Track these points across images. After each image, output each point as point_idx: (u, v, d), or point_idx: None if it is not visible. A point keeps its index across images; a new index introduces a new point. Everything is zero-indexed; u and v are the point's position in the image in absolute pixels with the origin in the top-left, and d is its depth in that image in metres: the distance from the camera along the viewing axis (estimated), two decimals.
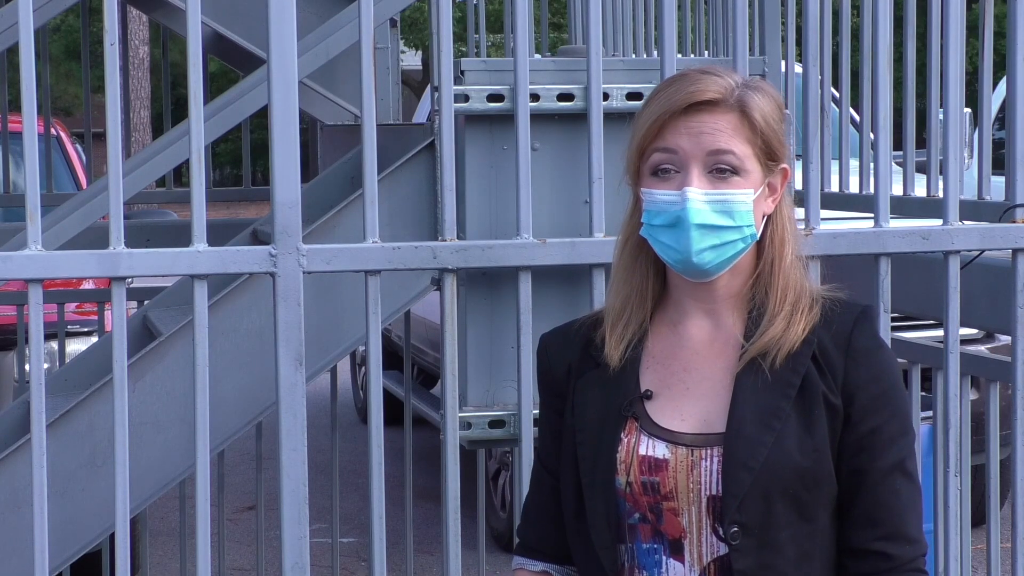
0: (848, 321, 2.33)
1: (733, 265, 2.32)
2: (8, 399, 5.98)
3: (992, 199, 3.90)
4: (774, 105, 2.33)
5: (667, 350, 2.37)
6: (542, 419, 2.48)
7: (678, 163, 2.28)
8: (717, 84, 2.28)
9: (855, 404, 2.30)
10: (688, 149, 2.27)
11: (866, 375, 2.31)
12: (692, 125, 2.27)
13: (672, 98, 2.28)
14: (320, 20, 4.53)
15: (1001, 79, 5.09)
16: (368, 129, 3.03)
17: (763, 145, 2.30)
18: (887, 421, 2.31)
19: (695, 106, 2.27)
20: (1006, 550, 3.59)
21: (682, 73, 2.33)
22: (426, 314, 6.85)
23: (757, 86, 2.33)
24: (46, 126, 6.28)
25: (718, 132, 2.27)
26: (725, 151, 2.27)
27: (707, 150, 2.27)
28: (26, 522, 2.99)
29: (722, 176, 2.28)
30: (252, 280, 3.45)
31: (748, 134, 2.28)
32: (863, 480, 2.30)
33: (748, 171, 2.29)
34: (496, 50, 14.79)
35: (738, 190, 2.28)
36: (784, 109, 2.37)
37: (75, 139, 8.49)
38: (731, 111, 2.28)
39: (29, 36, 2.88)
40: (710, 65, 2.36)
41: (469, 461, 4.57)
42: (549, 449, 2.44)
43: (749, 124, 2.28)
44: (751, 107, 2.29)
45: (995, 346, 6.03)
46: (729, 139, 2.27)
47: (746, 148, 2.28)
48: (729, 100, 2.28)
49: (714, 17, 4.70)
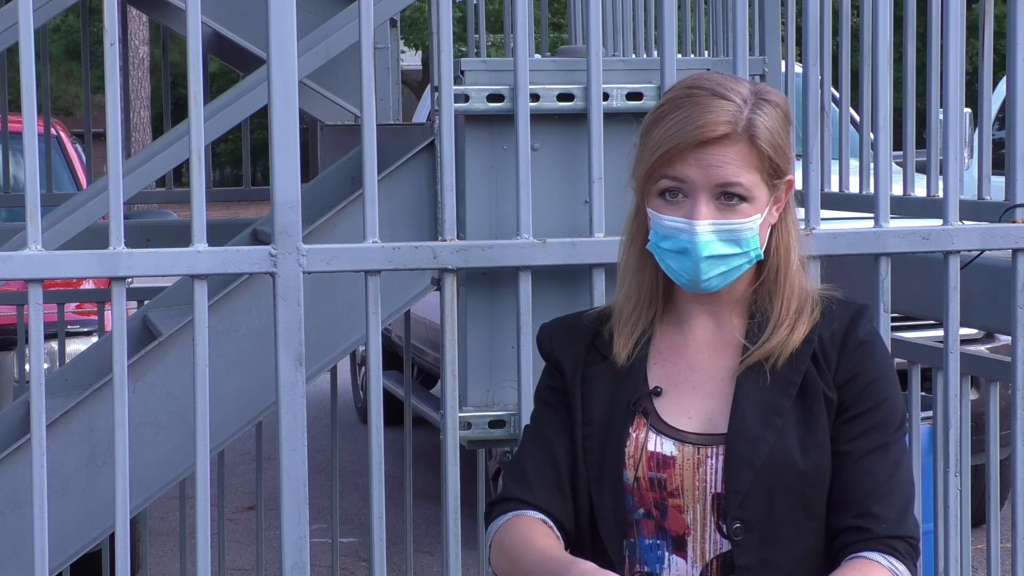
0: (845, 318, 2.36)
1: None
2: (8, 399, 5.98)
3: (992, 199, 3.90)
4: (780, 117, 2.31)
5: (673, 348, 2.39)
6: (547, 387, 2.44)
7: (687, 190, 2.29)
8: (727, 113, 2.26)
9: (845, 393, 2.33)
10: (697, 180, 2.27)
11: (857, 366, 2.34)
12: (702, 158, 2.27)
13: (684, 128, 2.26)
14: (320, 20, 4.53)
15: (1001, 79, 5.09)
16: (368, 129, 3.03)
17: (770, 167, 2.30)
18: (873, 408, 2.33)
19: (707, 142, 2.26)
20: (1006, 550, 3.59)
21: (694, 94, 2.29)
22: (426, 314, 6.84)
23: (765, 98, 2.31)
24: (46, 126, 6.27)
25: (727, 165, 2.26)
26: (734, 183, 2.27)
27: (716, 183, 2.27)
28: (26, 522, 2.99)
29: (730, 203, 2.28)
30: (252, 280, 3.45)
31: (756, 162, 2.28)
32: (843, 462, 2.31)
33: (756, 197, 2.30)
34: (496, 50, 14.78)
35: (745, 219, 2.28)
36: (790, 115, 2.36)
37: (75, 139, 8.49)
38: (740, 141, 2.27)
39: (29, 36, 2.88)
40: (717, 77, 2.32)
41: (469, 461, 4.57)
42: (559, 412, 2.40)
43: (757, 152, 2.27)
44: (759, 134, 2.27)
45: (995, 346, 6.03)
46: (738, 171, 2.27)
47: (754, 176, 2.28)
48: (738, 130, 2.27)
49: (714, 17, 4.70)
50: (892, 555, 2.28)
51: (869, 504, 2.29)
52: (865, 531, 2.29)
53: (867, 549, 2.28)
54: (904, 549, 2.29)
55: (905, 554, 2.29)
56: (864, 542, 2.28)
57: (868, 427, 2.32)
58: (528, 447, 2.42)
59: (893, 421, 2.34)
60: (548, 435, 2.39)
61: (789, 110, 2.36)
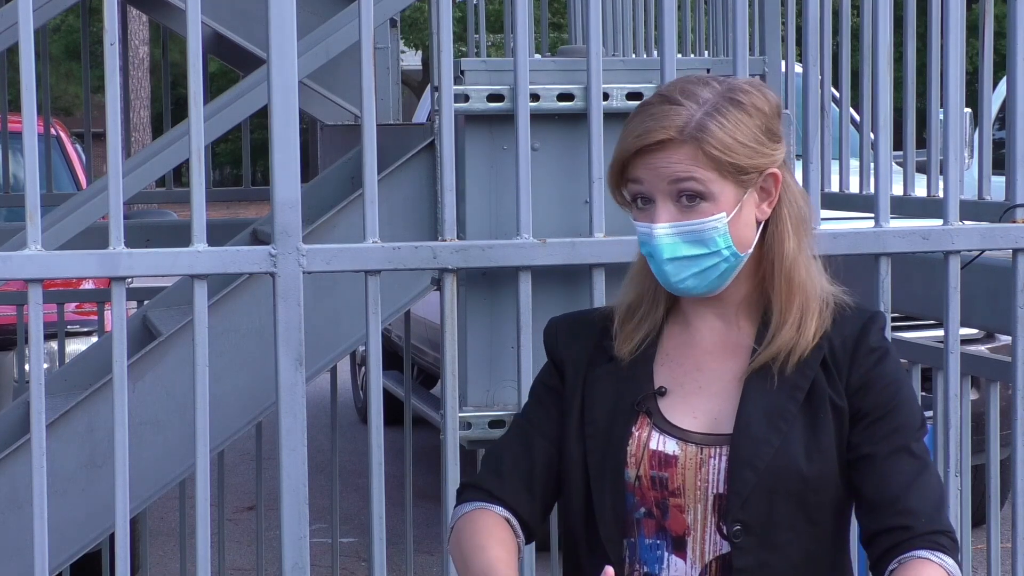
0: (856, 326, 2.34)
1: (733, 277, 2.33)
2: (8, 399, 5.98)
3: (992, 199, 3.90)
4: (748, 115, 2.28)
5: (680, 349, 2.39)
6: (543, 384, 2.45)
7: (648, 193, 2.30)
8: (671, 120, 2.26)
9: (860, 401, 2.31)
10: (651, 181, 2.29)
11: (871, 374, 2.32)
12: (650, 162, 2.28)
13: (628, 136, 2.29)
14: (320, 20, 4.53)
15: (1001, 79, 5.08)
16: (368, 129, 3.03)
17: (730, 167, 2.27)
18: (892, 411, 2.31)
19: (647, 147, 2.27)
20: (1006, 550, 3.59)
21: (650, 102, 2.31)
22: (426, 314, 6.84)
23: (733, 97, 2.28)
24: (46, 126, 6.27)
25: (673, 165, 2.26)
26: (684, 178, 2.27)
27: (667, 180, 2.27)
28: (26, 522, 2.99)
29: (691, 205, 2.28)
30: (252, 280, 3.45)
31: (708, 161, 2.27)
32: (869, 464, 2.29)
33: (715, 194, 2.27)
34: (496, 50, 14.78)
35: (707, 218, 2.27)
36: (773, 112, 2.31)
37: (75, 139, 8.49)
38: (684, 145, 2.26)
39: (29, 36, 2.88)
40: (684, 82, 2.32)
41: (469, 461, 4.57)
42: (549, 412, 2.41)
43: (705, 155, 2.26)
44: (707, 137, 2.25)
45: (995, 346, 6.03)
46: (688, 168, 2.26)
47: (708, 173, 2.26)
48: (681, 136, 2.26)
49: (714, 17, 4.70)
50: (940, 551, 2.24)
51: (904, 501, 2.26)
52: (907, 529, 2.25)
53: (915, 548, 2.23)
54: (948, 544, 2.26)
55: (950, 549, 2.25)
56: (909, 541, 2.24)
57: (890, 430, 2.30)
58: (510, 439, 2.43)
59: (913, 424, 2.33)
60: (531, 432, 2.41)
61: (767, 105, 2.30)
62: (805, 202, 2.37)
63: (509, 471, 2.39)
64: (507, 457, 2.41)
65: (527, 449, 2.40)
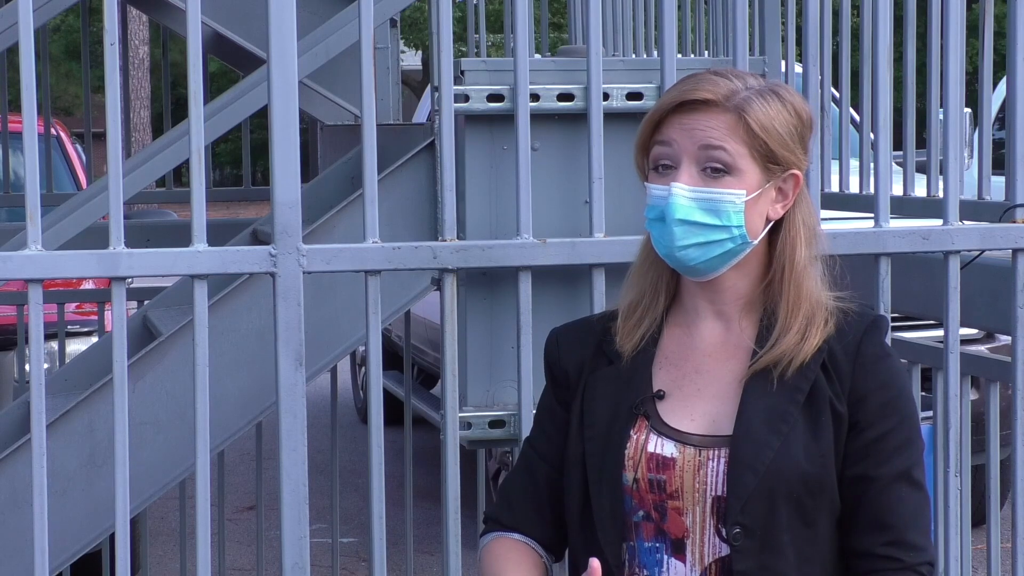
0: (859, 330, 2.34)
1: (736, 266, 2.32)
2: (8, 399, 5.98)
3: (992, 199, 3.90)
4: (788, 112, 2.31)
5: (680, 351, 2.38)
6: (544, 407, 2.48)
7: (674, 158, 2.29)
8: (717, 86, 2.29)
9: (862, 411, 2.30)
10: (681, 142, 2.28)
11: (873, 382, 2.31)
12: (686, 122, 2.29)
13: (671, 94, 2.31)
14: (320, 20, 4.53)
15: (1001, 79, 5.08)
16: (368, 129, 3.03)
17: (763, 148, 2.28)
18: (894, 428, 2.31)
19: (690, 104, 2.28)
20: (1006, 550, 3.59)
21: (695, 73, 2.34)
22: (426, 314, 6.84)
23: (774, 92, 2.31)
24: (46, 126, 6.27)
25: (710, 129, 2.27)
26: (716, 146, 2.27)
27: (698, 144, 2.27)
28: (26, 522, 2.99)
29: (715, 176, 2.28)
30: (252, 280, 3.45)
31: (744, 136, 2.27)
32: (869, 486, 2.30)
33: (742, 171, 2.28)
34: (496, 50, 14.79)
35: (728, 189, 2.28)
36: (808, 122, 2.34)
37: (75, 139, 8.49)
38: (726, 112, 2.28)
39: (29, 36, 2.88)
40: (732, 69, 2.36)
41: (469, 461, 4.57)
42: (551, 437, 2.44)
43: (745, 127, 2.27)
44: (750, 112, 2.28)
45: (995, 346, 6.03)
46: (722, 137, 2.27)
47: (740, 148, 2.27)
48: (725, 103, 2.27)
49: (714, 17, 4.70)
50: None
51: (902, 533, 2.30)
52: (898, 560, 2.30)
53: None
54: (928, 572, 2.32)
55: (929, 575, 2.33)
56: (896, 571, 2.30)
57: (892, 450, 2.30)
58: (518, 469, 2.50)
59: (913, 438, 2.33)
60: (534, 458, 2.46)
61: (804, 113, 2.33)
62: (816, 219, 2.39)
63: (518, 500, 2.46)
64: (516, 487, 2.47)
65: (532, 475, 2.45)
